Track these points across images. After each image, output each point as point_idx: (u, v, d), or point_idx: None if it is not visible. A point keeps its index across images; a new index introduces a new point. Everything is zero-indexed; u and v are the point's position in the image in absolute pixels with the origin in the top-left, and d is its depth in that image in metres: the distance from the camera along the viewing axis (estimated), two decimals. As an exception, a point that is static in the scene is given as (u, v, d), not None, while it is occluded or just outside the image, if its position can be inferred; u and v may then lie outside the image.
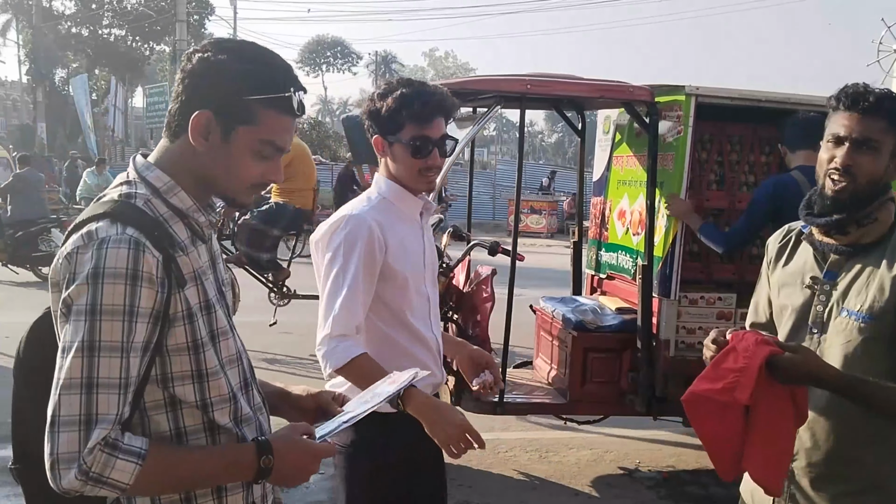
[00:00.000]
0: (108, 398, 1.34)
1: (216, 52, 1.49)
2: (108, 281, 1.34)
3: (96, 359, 1.33)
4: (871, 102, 1.99)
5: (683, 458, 5.37)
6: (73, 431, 1.32)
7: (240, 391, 1.58)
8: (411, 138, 2.27)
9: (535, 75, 4.67)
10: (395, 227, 2.33)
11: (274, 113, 1.50)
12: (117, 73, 32.33)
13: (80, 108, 26.75)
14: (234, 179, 1.53)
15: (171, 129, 1.52)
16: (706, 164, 4.96)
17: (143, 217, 1.43)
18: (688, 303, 4.59)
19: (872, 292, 1.98)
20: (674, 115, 4.52)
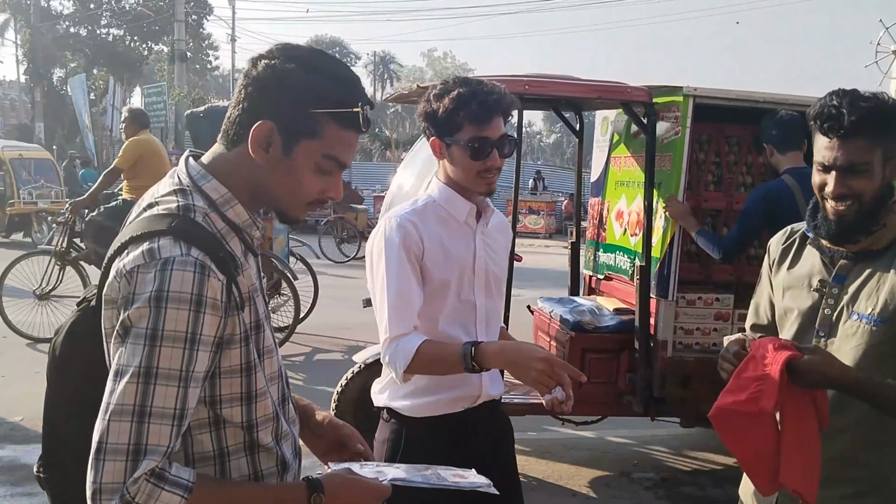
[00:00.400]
0: (161, 429, 1.27)
1: (284, 60, 1.42)
2: (172, 306, 1.27)
3: (152, 386, 1.26)
4: (849, 127, 1.93)
5: (681, 459, 5.37)
6: (119, 461, 1.25)
7: (279, 407, 1.53)
8: (470, 139, 2.22)
9: (534, 76, 4.67)
10: (436, 229, 2.30)
11: (339, 128, 1.43)
12: (115, 73, 32.26)
13: (78, 107, 26.68)
14: (293, 194, 1.47)
15: (229, 137, 1.45)
16: (704, 165, 4.96)
17: (206, 236, 1.36)
18: (685, 303, 4.58)
19: (884, 296, 1.98)
20: (671, 115, 4.52)
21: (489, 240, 2.40)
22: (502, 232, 2.50)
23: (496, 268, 2.42)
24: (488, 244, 2.39)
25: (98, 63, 36.76)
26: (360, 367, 4.79)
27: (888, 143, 1.97)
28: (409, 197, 5.25)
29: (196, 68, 42.06)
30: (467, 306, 2.35)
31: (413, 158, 5.82)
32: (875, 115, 1.94)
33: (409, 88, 5.11)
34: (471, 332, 2.34)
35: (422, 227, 2.27)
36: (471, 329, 2.35)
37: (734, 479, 2.09)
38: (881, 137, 1.96)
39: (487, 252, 2.38)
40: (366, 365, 4.78)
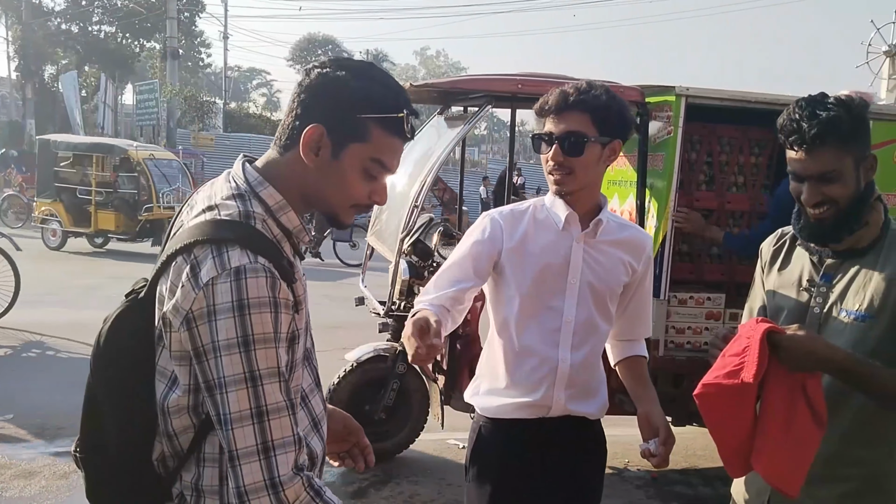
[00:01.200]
0: (281, 422, 1.36)
1: (335, 68, 1.49)
2: (255, 311, 1.34)
3: (260, 388, 1.34)
4: (811, 141, 1.94)
5: (672, 457, 5.35)
6: (253, 462, 1.33)
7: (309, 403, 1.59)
8: (533, 134, 2.28)
9: (526, 75, 4.68)
10: (528, 230, 2.27)
11: (386, 133, 1.49)
12: (107, 70, 32.14)
13: (70, 105, 26.62)
14: (341, 196, 1.52)
15: (282, 143, 1.51)
16: (696, 165, 4.97)
17: (269, 244, 1.42)
18: (677, 303, 4.61)
19: (870, 292, 1.99)
20: (664, 115, 4.53)
21: (597, 253, 2.28)
22: (625, 249, 2.32)
23: (599, 282, 2.28)
24: (593, 256, 2.28)
25: (90, 60, 36.63)
26: (352, 366, 4.80)
27: (857, 148, 1.98)
28: (401, 197, 5.27)
29: (188, 66, 41.99)
30: (554, 313, 2.26)
31: (406, 157, 5.83)
32: (835, 125, 1.93)
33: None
34: (551, 340, 2.27)
35: (509, 225, 2.27)
36: (552, 337, 2.26)
37: (724, 477, 2.10)
38: (847, 144, 1.96)
39: (590, 264, 2.27)
40: (357, 364, 4.78)
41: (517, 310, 2.26)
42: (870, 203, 2.04)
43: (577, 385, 2.29)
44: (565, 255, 2.25)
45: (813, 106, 1.97)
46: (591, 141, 2.16)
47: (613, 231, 2.31)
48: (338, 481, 4.65)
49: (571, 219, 2.24)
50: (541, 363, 2.26)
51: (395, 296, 4.77)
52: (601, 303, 2.30)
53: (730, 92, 4.54)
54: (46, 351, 7.27)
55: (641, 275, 2.36)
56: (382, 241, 5.33)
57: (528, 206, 2.33)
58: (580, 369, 2.29)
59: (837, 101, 1.97)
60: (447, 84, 4.97)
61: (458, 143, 5.01)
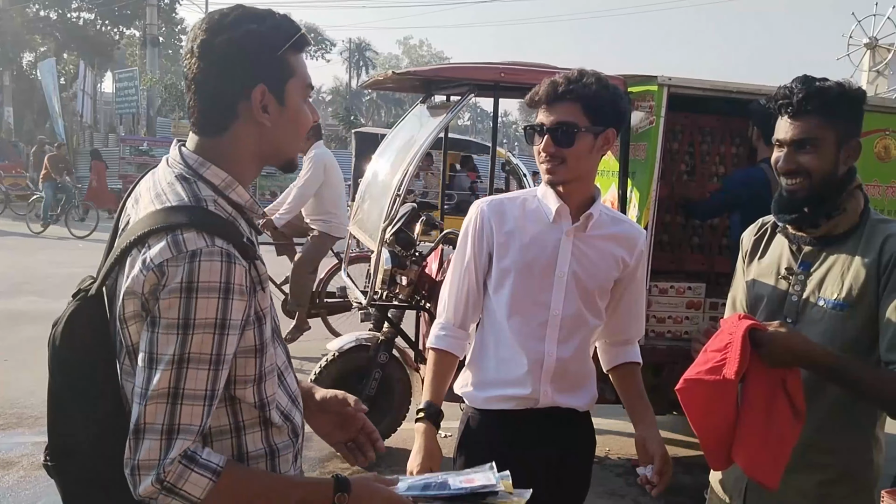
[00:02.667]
0: (193, 409, 1.34)
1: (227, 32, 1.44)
2: (203, 295, 1.33)
3: (185, 370, 1.33)
4: (796, 105, 2.00)
5: (652, 446, 5.42)
6: (154, 440, 1.32)
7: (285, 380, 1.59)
8: (526, 123, 2.26)
9: (509, 64, 4.67)
10: (519, 221, 2.26)
11: (299, 55, 1.52)
12: (86, 58, 31.78)
13: (48, 92, 26.35)
14: (297, 136, 1.56)
15: (214, 124, 1.48)
16: (678, 155, 4.99)
17: (225, 224, 1.40)
18: (658, 292, 4.62)
19: (848, 281, 2.00)
20: (646, 105, 4.53)
21: (586, 247, 2.24)
22: (617, 244, 2.28)
23: (587, 277, 2.24)
24: (582, 250, 2.24)
25: (68, 47, 36.24)
26: (334, 356, 4.78)
27: (842, 125, 2.01)
28: (383, 185, 5.25)
29: (168, 53, 41.58)
30: (540, 307, 2.24)
31: (387, 147, 5.80)
32: (825, 93, 1.99)
33: (383, 75, 5.09)
34: (538, 334, 2.25)
35: (498, 217, 2.26)
36: (539, 331, 2.25)
37: (704, 465, 2.10)
38: (833, 117, 2.00)
39: (578, 256, 2.24)
40: (339, 353, 4.77)
41: (505, 303, 2.26)
42: (849, 189, 2.05)
43: (564, 378, 2.28)
44: (553, 249, 2.23)
45: (806, 78, 2.03)
46: (581, 131, 2.13)
47: (606, 225, 2.27)
48: (318, 471, 4.64)
49: (562, 211, 2.22)
50: (527, 357, 2.25)
51: (376, 285, 4.76)
52: (589, 298, 2.27)
53: (712, 82, 4.55)
54: (24, 341, 7.20)
55: (633, 270, 2.32)
56: (364, 230, 5.31)
57: (519, 197, 2.31)
58: (567, 363, 2.27)
59: (831, 80, 2.03)
60: (429, 72, 4.96)
61: (440, 132, 5.00)
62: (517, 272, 2.23)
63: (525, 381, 2.25)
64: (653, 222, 4.49)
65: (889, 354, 1.93)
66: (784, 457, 1.90)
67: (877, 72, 11.70)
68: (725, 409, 1.91)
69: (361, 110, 60.52)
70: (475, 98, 5.08)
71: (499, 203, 2.30)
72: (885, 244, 1.98)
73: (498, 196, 2.36)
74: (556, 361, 2.25)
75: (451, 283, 2.34)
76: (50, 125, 28.22)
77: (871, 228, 2.04)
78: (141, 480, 1.32)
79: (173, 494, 1.33)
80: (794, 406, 1.90)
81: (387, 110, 60.31)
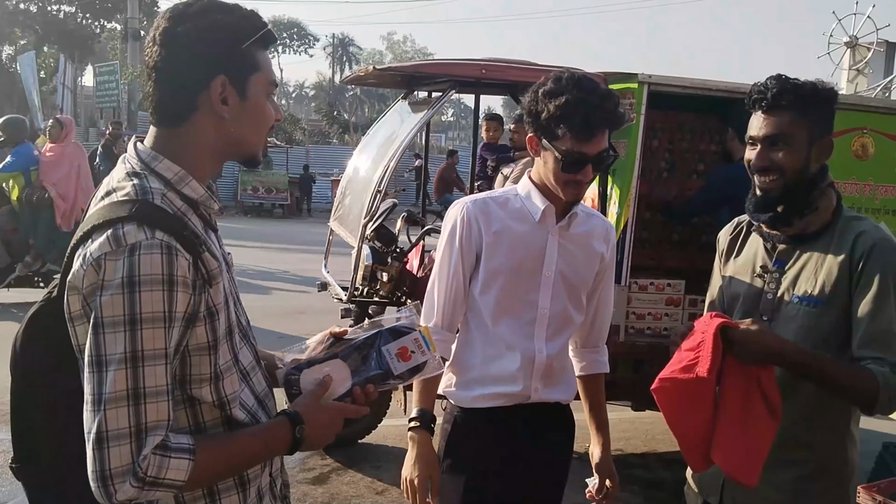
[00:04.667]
0: (158, 406, 1.32)
1: (191, 21, 1.42)
2: (146, 288, 1.30)
3: (141, 369, 1.30)
4: (771, 100, 2.01)
5: (632, 441, 5.45)
6: (124, 445, 1.29)
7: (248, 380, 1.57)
8: (566, 152, 2.09)
9: (491, 61, 4.67)
10: (505, 222, 2.25)
11: (264, 51, 1.50)
12: (66, 51, 31.46)
13: (28, 86, 26.01)
14: (259, 131, 1.53)
15: (170, 116, 1.46)
16: (657, 153, 5.01)
17: (168, 217, 1.37)
18: (638, 289, 4.65)
19: (822, 278, 2.02)
20: (626, 102, 4.55)
21: (571, 245, 2.28)
22: (600, 240, 2.34)
23: (572, 274, 2.28)
24: (567, 248, 2.27)
25: (48, 40, 35.82)
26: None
27: (814, 122, 2.03)
28: (365, 181, 5.24)
29: (150, 47, 41.12)
30: (529, 306, 2.26)
31: (370, 142, 5.79)
32: (798, 89, 2.01)
33: (364, 70, 5.07)
34: (527, 332, 2.28)
35: (486, 218, 2.24)
36: (528, 329, 2.27)
37: (683, 461, 2.12)
38: (806, 114, 2.02)
39: (563, 255, 2.27)
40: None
41: (493, 303, 2.26)
42: (821, 188, 2.07)
43: (551, 374, 2.32)
44: (541, 248, 2.25)
45: (780, 76, 2.05)
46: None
47: (583, 220, 2.31)
48: (297, 468, 4.64)
49: (549, 211, 2.23)
50: (518, 355, 2.26)
51: (357, 281, 4.75)
52: (575, 295, 2.31)
53: (691, 80, 4.57)
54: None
55: (609, 263, 2.38)
56: (345, 226, 5.30)
57: (501, 196, 2.31)
58: (554, 359, 2.31)
59: (809, 80, 2.05)
60: (411, 68, 4.95)
61: (421, 128, 4.99)
62: (506, 273, 2.24)
63: (517, 378, 2.27)
64: (633, 219, 4.51)
65: (861, 350, 1.95)
66: (762, 454, 1.91)
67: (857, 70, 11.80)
68: (702, 409, 1.92)
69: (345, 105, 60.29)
70: (458, 94, 5.09)
71: (483, 203, 2.28)
72: (857, 241, 2.00)
73: (481, 195, 2.34)
74: (546, 358, 2.28)
75: (440, 286, 2.31)
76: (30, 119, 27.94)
77: (844, 226, 2.06)
78: (117, 488, 1.29)
79: (157, 487, 1.32)
80: (770, 404, 1.92)
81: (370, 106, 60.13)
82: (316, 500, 4.30)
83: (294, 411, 1.53)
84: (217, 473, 1.45)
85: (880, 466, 3.96)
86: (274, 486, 1.64)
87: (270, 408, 1.62)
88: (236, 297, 1.57)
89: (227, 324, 1.48)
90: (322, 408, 1.57)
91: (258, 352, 1.65)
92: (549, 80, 2.12)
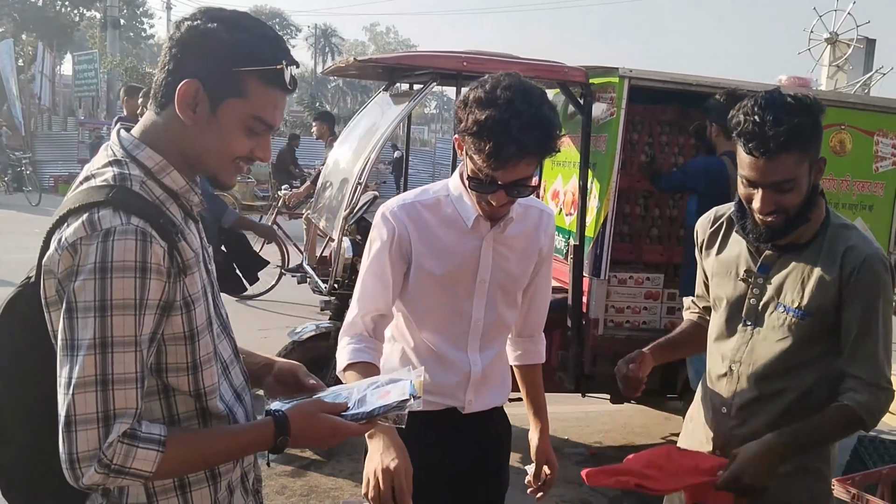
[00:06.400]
0: (126, 393, 1.31)
1: (206, 20, 1.42)
2: (118, 275, 1.29)
3: (110, 355, 1.30)
4: (774, 148, 1.89)
5: (610, 434, 5.48)
6: (91, 430, 1.29)
7: (228, 374, 1.56)
8: (475, 170, 1.94)
9: (472, 53, 4.66)
10: (436, 230, 2.10)
11: (265, 86, 1.43)
12: (45, 39, 31.07)
13: (5, 74, 25.70)
14: (220, 155, 1.46)
15: (158, 100, 1.45)
16: (637, 146, 5.02)
17: (144, 204, 1.37)
18: (617, 282, 4.67)
19: (809, 290, 2.02)
20: (607, 96, 4.56)
21: (506, 249, 2.14)
22: (535, 236, 2.20)
23: (507, 279, 2.17)
24: (501, 253, 2.14)
25: (27, 28, 35.42)
26: (293, 345, 4.75)
27: (814, 151, 1.97)
28: (344, 174, 5.22)
29: (130, 36, 40.88)
30: (462, 317, 2.15)
31: (350, 134, 5.77)
32: (799, 131, 1.89)
33: (345, 61, 5.04)
34: (460, 344, 2.17)
35: (415, 226, 2.09)
36: (461, 341, 2.17)
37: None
38: (807, 150, 1.94)
39: (498, 261, 2.14)
40: (298, 342, 4.74)
41: (424, 314, 2.16)
42: (815, 201, 2.04)
43: (486, 384, 2.23)
44: (474, 257, 2.12)
45: (775, 109, 1.89)
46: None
47: (520, 219, 2.16)
48: (278, 460, 4.62)
49: (481, 218, 2.08)
50: (452, 368, 2.17)
51: (337, 274, 4.74)
52: (511, 298, 2.21)
53: (672, 74, 4.59)
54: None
55: (547, 253, 2.27)
56: (325, 218, 5.28)
57: (430, 199, 2.13)
58: (489, 368, 2.23)
59: (798, 104, 1.92)
60: (392, 60, 4.92)
61: (403, 121, 4.98)
62: (438, 284, 2.12)
63: (452, 392, 2.19)
64: (612, 213, 4.52)
65: (846, 367, 2.01)
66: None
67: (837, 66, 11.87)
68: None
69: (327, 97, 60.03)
70: (440, 87, 5.07)
71: (412, 208, 2.12)
72: (847, 256, 2.00)
73: (408, 199, 2.15)
74: (480, 370, 2.20)
75: (365, 294, 2.14)
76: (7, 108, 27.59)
77: (833, 235, 2.05)
78: (83, 472, 1.29)
79: (122, 475, 1.32)
80: None
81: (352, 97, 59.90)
82: (294, 492, 4.29)
83: (284, 416, 1.48)
84: (190, 468, 1.45)
85: (855, 459, 4.01)
86: (246, 481, 1.63)
87: (247, 402, 1.61)
88: (215, 289, 1.56)
89: (207, 315, 1.47)
90: (318, 420, 1.51)
91: (237, 346, 1.64)
92: (488, 84, 1.92)
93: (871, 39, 12.25)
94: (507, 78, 1.92)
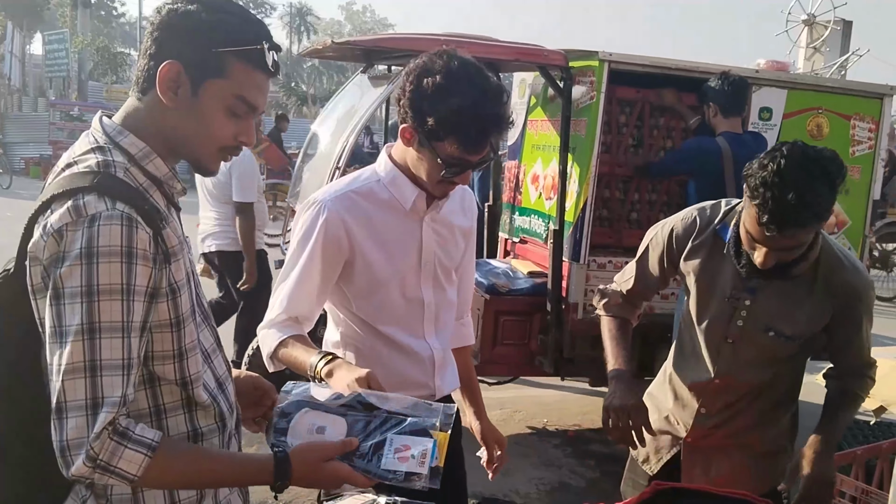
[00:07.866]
0: (112, 380, 1.30)
1: (187, 2, 1.41)
2: (104, 260, 1.28)
3: (97, 341, 1.29)
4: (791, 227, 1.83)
5: (589, 416, 5.51)
6: (80, 416, 1.28)
7: (210, 362, 1.55)
8: (448, 157, 1.91)
9: (451, 35, 4.62)
10: (375, 218, 2.04)
11: (246, 67, 1.42)
12: (14, 18, 30.51)
13: (-26, 53, 25.30)
14: (204, 139, 1.45)
15: (140, 85, 1.44)
16: (626, 129, 5.00)
17: (129, 190, 1.36)
18: (596, 267, 4.67)
19: (800, 319, 2.09)
20: (587, 80, 4.54)
21: (440, 227, 2.14)
22: (460, 213, 2.21)
23: (447, 258, 2.17)
24: (439, 232, 2.14)
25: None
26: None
27: (827, 218, 1.91)
28: (323, 156, 5.17)
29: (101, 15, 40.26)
30: (414, 304, 2.13)
31: (328, 115, 5.72)
32: (819, 212, 1.84)
33: (322, 43, 4.98)
34: (418, 332, 2.16)
35: (353, 218, 2.02)
36: (418, 328, 2.16)
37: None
38: (823, 221, 1.90)
39: (437, 242, 2.14)
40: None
41: (378, 308, 2.11)
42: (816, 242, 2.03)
43: (446, 366, 2.24)
44: (416, 240, 2.10)
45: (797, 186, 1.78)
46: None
47: (447, 201, 2.14)
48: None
49: (419, 199, 2.05)
50: (416, 358, 2.16)
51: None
52: (449, 277, 2.21)
53: (652, 58, 4.58)
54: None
55: (470, 232, 2.27)
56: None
57: (363, 187, 2.07)
58: (445, 351, 2.24)
59: (820, 172, 1.81)
60: (370, 42, 4.88)
61: (381, 104, 4.93)
62: (388, 274, 2.08)
63: (423, 381, 2.18)
64: (592, 197, 4.51)
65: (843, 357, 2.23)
66: None
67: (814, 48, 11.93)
68: None
69: (303, 77, 59.56)
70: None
71: (346, 198, 2.04)
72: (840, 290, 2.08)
73: (340, 189, 2.08)
74: (441, 353, 2.20)
75: (290, 296, 2.04)
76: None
77: (826, 264, 2.06)
78: (73, 460, 1.28)
79: (108, 473, 1.30)
80: None
81: (329, 77, 59.46)
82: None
83: (285, 456, 1.44)
84: (178, 482, 1.43)
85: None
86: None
87: (230, 392, 1.60)
88: (196, 277, 1.56)
89: (191, 302, 1.47)
90: (322, 469, 1.46)
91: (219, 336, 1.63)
92: (437, 70, 1.87)
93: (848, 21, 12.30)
94: (450, 58, 1.89)
